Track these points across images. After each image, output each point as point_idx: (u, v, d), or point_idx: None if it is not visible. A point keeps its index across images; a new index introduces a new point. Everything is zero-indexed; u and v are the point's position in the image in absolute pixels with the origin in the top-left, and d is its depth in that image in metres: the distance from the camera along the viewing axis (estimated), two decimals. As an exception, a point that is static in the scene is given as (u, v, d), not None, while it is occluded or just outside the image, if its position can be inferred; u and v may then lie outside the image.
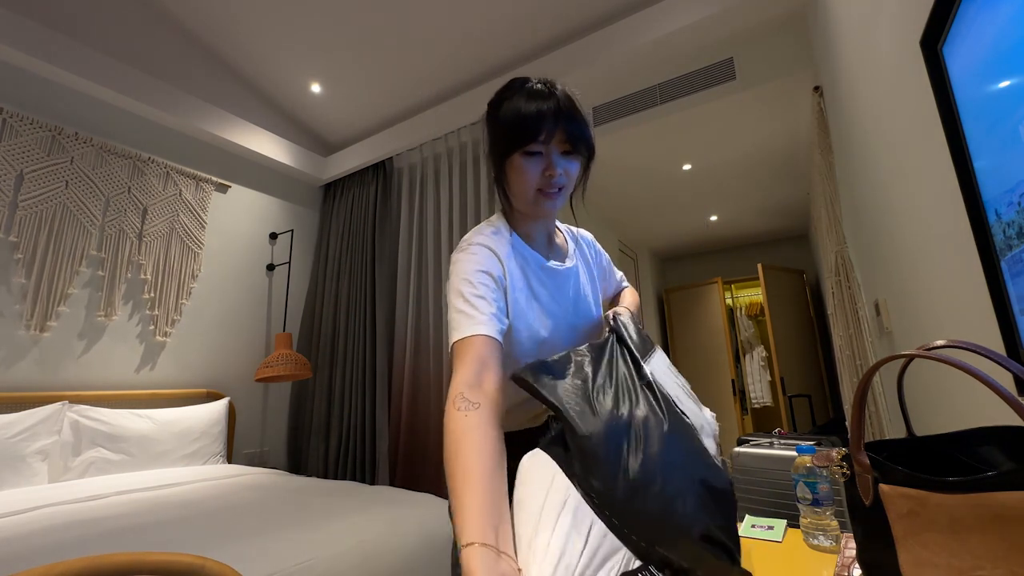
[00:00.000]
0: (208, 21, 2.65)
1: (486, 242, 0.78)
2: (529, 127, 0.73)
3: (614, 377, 0.60)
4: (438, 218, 2.80)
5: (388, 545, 1.37)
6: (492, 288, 0.72)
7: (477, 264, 0.74)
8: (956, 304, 0.83)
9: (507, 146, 0.76)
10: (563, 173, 0.76)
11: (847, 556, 0.66)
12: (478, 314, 0.68)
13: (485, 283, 0.72)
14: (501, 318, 0.71)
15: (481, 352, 0.64)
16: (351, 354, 2.88)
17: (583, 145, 0.77)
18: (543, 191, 0.77)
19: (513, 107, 0.76)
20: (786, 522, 0.83)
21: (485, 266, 0.74)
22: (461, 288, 0.71)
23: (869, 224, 1.40)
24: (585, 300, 0.90)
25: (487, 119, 0.82)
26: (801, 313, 3.99)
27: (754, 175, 3.11)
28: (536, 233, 0.86)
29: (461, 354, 0.65)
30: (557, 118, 0.74)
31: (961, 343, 0.43)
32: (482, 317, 0.67)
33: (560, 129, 0.74)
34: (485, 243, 0.78)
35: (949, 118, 0.70)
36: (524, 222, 0.84)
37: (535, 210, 0.80)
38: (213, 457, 2.34)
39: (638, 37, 2.15)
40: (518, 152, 0.75)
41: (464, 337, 0.66)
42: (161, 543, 1.21)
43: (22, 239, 2.09)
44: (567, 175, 0.77)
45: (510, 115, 0.75)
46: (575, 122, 0.76)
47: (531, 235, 0.85)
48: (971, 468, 0.48)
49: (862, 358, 1.61)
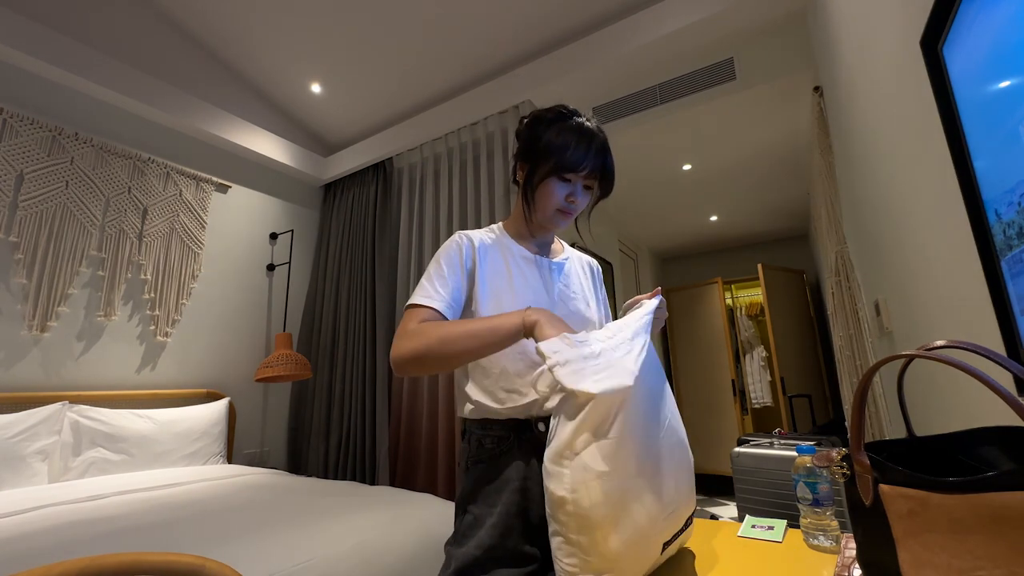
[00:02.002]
0: (208, 21, 2.65)
1: (467, 234, 0.92)
2: (575, 161, 0.84)
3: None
4: (438, 218, 2.80)
5: (388, 545, 1.37)
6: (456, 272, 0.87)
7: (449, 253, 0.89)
8: (956, 304, 0.83)
9: (548, 168, 0.85)
10: (580, 203, 0.89)
11: (847, 556, 0.66)
12: (436, 293, 0.83)
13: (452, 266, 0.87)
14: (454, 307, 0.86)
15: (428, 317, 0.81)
16: (351, 354, 2.88)
17: (606, 183, 0.89)
18: (562, 211, 0.89)
19: (564, 138, 0.84)
20: (786, 522, 0.83)
21: (455, 253, 0.89)
22: (431, 269, 0.88)
23: (869, 224, 1.40)
24: (573, 297, 0.94)
25: (531, 130, 0.90)
26: (801, 313, 3.99)
27: (754, 175, 3.11)
28: (534, 239, 0.96)
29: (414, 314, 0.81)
30: (597, 158, 0.85)
31: (961, 343, 0.43)
32: (442, 298, 0.83)
33: (596, 168, 0.86)
34: (466, 234, 0.92)
35: (949, 118, 0.70)
36: (525, 229, 0.95)
37: (549, 224, 0.92)
38: (213, 457, 2.34)
39: (638, 37, 2.15)
40: (555, 176, 0.85)
41: (423, 304, 0.82)
42: (161, 543, 1.21)
43: (22, 239, 2.09)
44: (581, 205, 0.90)
45: (560, 143, 0.84)
46: (610, 164, 0.88)
47: (528, 239, 0.96)
48: (971, 468, 0.48)
49: (862, 358, 1.61)
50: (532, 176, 0.88)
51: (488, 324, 0.74)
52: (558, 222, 0.90)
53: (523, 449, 0.81)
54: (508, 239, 0.94)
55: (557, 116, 0.87)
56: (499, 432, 0.83)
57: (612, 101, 2.40)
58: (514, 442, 0.82)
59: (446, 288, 0.84)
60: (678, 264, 5.19)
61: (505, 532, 0.76)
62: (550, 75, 2.41)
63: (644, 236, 4.37)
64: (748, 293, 4.61)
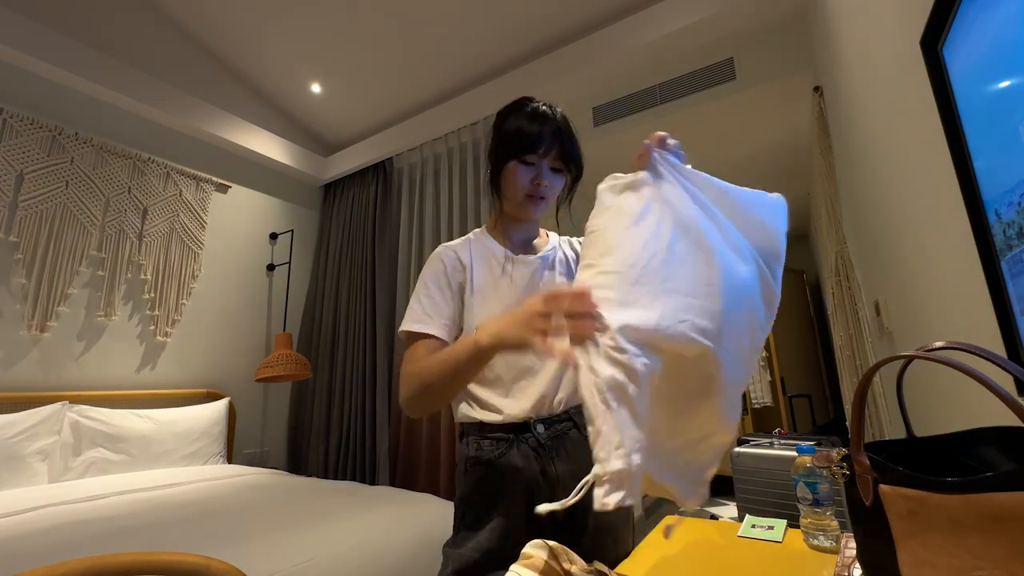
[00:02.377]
0: (208, 21, 2.65)
1: (448, 246, 0.93)
2: (530, 141, 0.83)
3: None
4: (438, 218, 2.80)
5: (388, 545, 1.37)
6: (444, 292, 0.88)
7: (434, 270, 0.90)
8: (956, 304, 0.83)
9: (507, 153, 0.86)
10: (548, 185, 0.86)
11: (847, 556, 0.66)
12: (428, 318, 0.84)
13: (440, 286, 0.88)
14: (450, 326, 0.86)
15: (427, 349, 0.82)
16: (351, 354, 2.88)
17: (572, 164, 0.88)
18: (531, 196, 0.87)
19: (517, 122, 0.85)
20: (786, 522, 0.83)
21: (439, 271, 0.89)
22: (419, 289, 0.89)
23: (869, 224, 1.39)
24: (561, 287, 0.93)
25: (493, 127, 0.92)
26: (801, 313, 3.99)
27: (754, 175, 3.11)
28: (514, 235, 0.95)
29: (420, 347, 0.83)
30: (554, 138, 0.84)
31: (960, 344, 0.43)
32: (437, 321, 0.84)
33: (556, 147, 0.85)
34: (448, 246, 0.93)
35: (949, 118, 0.70)
36: (507, 224, 0.95)
37: (521, 212, 0.90)
38: (213, 457, 2.34)
39: (638, 37, 2.15)
40: (515, 160, 0.85)
41: (419, 332, 0.84)
42: (161, 543, 1.21)
43: (22, 239, 2.09)
44: (551, 188, 0.87)
45: (513, 128, 0.85)
46: (569, 143, 0.86)
47: (508, 236, 0.95)
48: (971, 469, 0.48)
49: (862, 358, 1.61)
50: (496, 167, 0.88)
51: (453, 354, 0.72)
52: (530, 208, 0.87)
53: (521, 451, 0.81)
54: (490, 240, 0.93)
55: (512, 106, 0.89)
56: (498, 435, 0.83)
57: (612, 101, 2.40)
58: (513, 444, 0.82)
59: (436, 308, 0.85)
60: (678, 264, 5.19)
61: (504, 535, 0.76)
62: (550, 75, 2.41)
63: (644, 236, 4.37)
64: (748, 293, 4.60)
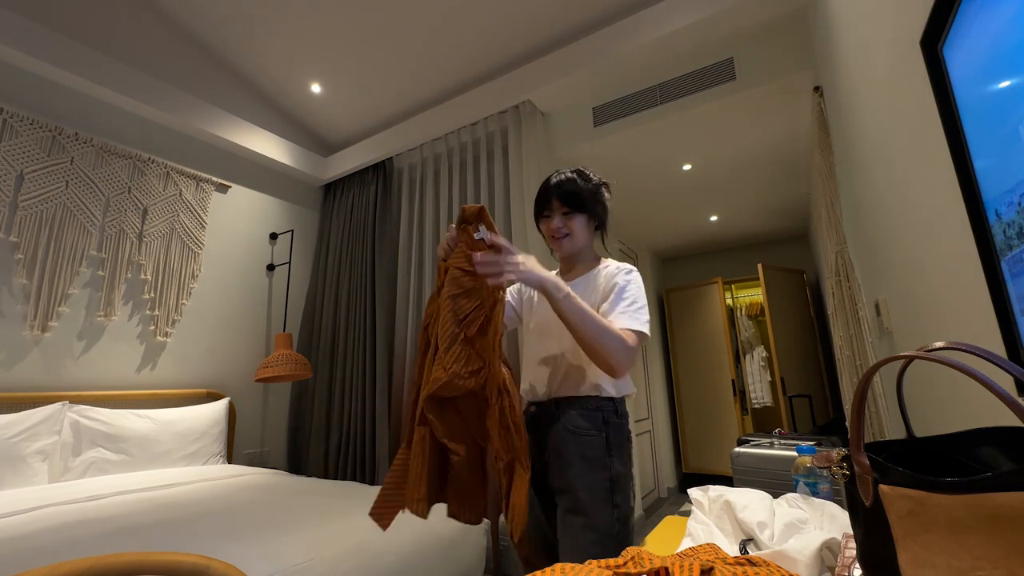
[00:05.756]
0: (208, 21, 2.65)
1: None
2: (539, 206, 1.19)
3: None
4: (438, 218, 2.80)
5: (388, 545, 1.37)
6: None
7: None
8: (956, 304, 0.83)
9: (536, 215, 1.22)
10: (563, 227, 1.15)
11: (847, 556, 0.66)
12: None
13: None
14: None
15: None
16: (351, 354, 2.88)
17: (579, 205, 1.14)
18: (554, 238, 1.18)
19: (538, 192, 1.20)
20: (786, 522, 0.83)
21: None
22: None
23: (869, 224, 1.39)
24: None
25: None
26: (801, 313, 3.98)
27: (754, 175, 3.11)
28: (564, 265, 1.26)
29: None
30: (555, 194, 1.15)
31: (960, 345, 0.43)
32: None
33: (555, 200, 1.15)
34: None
35: (949, 118, 0.70)
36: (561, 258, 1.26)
37: (556, 251, 1.22)
38: (213, 457, 2.34)
39: (638, 37, 2.15)
40: (538, 219, 1.21)
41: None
42: (161, 543, 1.21)
43: (22, 239, 2.09)
44: (568, 227, 1.15)
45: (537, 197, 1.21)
46: (569, 194, 1.14)
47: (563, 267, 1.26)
48: (971, 469, 0.48)
49: (862, 358, 1.61)
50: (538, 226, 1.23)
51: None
52: (559, 248, 1.19)
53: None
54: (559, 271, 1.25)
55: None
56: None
57: (612, 101, 2.40)
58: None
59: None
60: (678, 264, 5.19)
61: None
62: (550, 75, 2.41)
63: (644, 236, 4.36)
64: (748, 293, 4.60)
